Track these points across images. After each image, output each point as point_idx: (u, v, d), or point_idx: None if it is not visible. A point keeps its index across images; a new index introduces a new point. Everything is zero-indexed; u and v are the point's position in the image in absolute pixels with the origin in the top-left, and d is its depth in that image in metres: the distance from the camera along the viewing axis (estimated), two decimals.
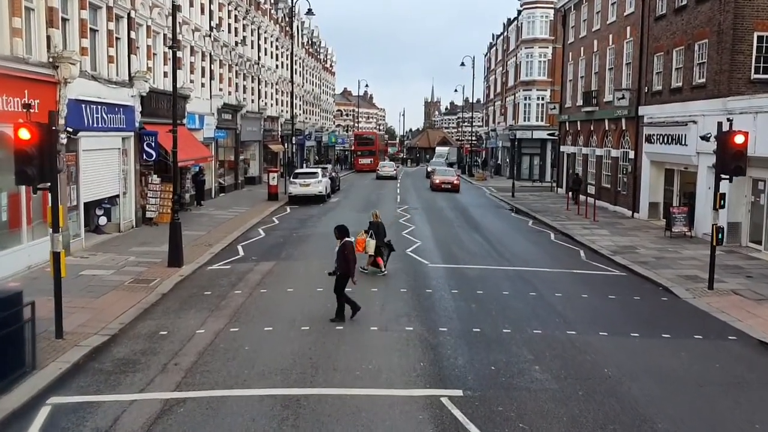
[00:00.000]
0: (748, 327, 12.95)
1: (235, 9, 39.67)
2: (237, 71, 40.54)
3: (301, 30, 66.29)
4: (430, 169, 58.47)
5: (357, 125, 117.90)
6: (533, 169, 57.94)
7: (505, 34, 67.73)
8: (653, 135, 27.45)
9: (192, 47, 31.67)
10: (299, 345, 11.31)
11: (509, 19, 66.45)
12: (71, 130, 17.61)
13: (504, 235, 24.68)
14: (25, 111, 10.92)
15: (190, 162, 27.40)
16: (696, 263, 19.03)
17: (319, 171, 37.03)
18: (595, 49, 35.63)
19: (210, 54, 34.65)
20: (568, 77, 41.45)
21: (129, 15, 23.57)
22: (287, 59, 53.07)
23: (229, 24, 38.67)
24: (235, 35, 39.93)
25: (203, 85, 33.64)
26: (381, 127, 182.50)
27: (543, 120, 56.43)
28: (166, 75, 27.66)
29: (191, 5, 31.55)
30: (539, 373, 10.16)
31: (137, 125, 23.97)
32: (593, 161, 36.21)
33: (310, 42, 73.01)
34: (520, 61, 58.47)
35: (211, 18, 34.87)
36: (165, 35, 27.67)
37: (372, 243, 16.75)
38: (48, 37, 17.66)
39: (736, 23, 21.67)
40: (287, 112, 50.38)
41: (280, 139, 52.01)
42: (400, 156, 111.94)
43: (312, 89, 74.29)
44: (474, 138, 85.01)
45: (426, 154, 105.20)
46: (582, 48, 38.15)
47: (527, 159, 58.56)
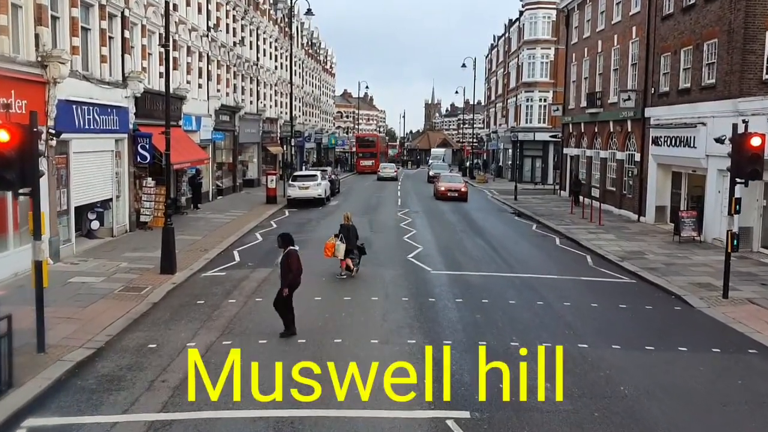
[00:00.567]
0: (767, 339, 12.32)
1: (233, 9, 39.06)
2: (235, 72, 39.91)
3: (301, 31, 65.68)
4: (432, 174, 55.41)
5: (357, 127, 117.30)
6: (535, 172, 57.29)
7: (507, 35, 67.13)
8: (660, 137, 26.81)
9: (189, 47, 31.05)
10: (295, 359, 10.62)
11: (511, 20, 65.88)
12: (53, 131, 16.91)
13: (508, 240, 24.04)
14: (4, 111, 10.27)
15: (185, 164, 26.77)
16: (708, 270, 18.38)
17: (318, 173, 36.38)
18: (600, 50, 35.01)
19: (207, 54, 34.03)
20: (571, 78, 40.82)
21: (123, 14, 22.94)
22: (286, 60, 52.44)
23: (227, 24, 38.04)
24: (234, 35, 39.31)
25: (200, 86, 33.01)
26: (381, 129, 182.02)
27: (545, 122, 55.81)
28: (161, 75, 26.93)
29: (188, 5, 30.93)
30: (551, 392, 9.51)
31: (131, 127, 23.33)
32: (597, 164, 35.57)
33: (309, 43, 72.41)
34: (521, 62, 57.85)
35: (209, 18, 34.24)
36: (160, 35, 26.96)
37: (342, 247, 16.58)
38: (36, 36, 17.01)
39: (747, 22, 21.02)
40: (286, 113, 49.76)
41: (279, 141, 51.38)
42: (400, 158, 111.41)
43: (312, 91, 73.68)
44: (475, 140, 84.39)
45: (426, 156, 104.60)
46: (586, 48, 37.53)
47: (529, 161, 57.91)
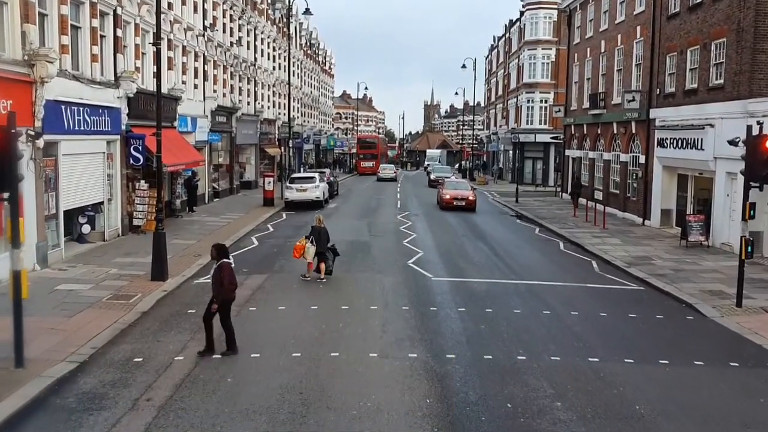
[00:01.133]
0: None
1: (231, 8, 38.44)
2: (232, 72, 39.28)
3: (299, 31, 65.07)
4: (433, 177, 51.74)
5: (356, 128, 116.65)
6: (536, 174, 56.69)
7: (507, 35, 66.56)
8: (666, 139, 26.20)
9: (184, 47, 30.42)
10: (289, 377, 10.02)
11: (511, 21, 65.33)
12: (33, 132, 16.27)
13: (511, 245, 23.41)
14: None
15: (180, 167, 26.11)
16: (718, 276, 17.75)
17: (317, 175, 35.75)
18: (603, 50, 34.41)
19: (203, 54, 33.41)
20: (573, 79, 40.21)
21: (115, 12, 22.31)
22: (285, 60, 51.86)
23: (224, 24, 37.43)
24: (231, 35, 38.70)
25: (196, 87, 32.37)
26: (380, 130, 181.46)
27: (546, 123, 55.22)
28: (155, 75, 26.36)
29: (183, 4, 30.29)
30: (562, 412, 8.89)
31: (124, 128, 22.69)
32: (600, 166, 34.96)
33: (308, 43, 71.82)
34: (522, 63, 57.26)
35: (205, 17, 33.64)
36: (155, 34, 26.38)
37: (311, 249, 16.43)
38: (23, 33, 16.42)
39: (757, 20, 20.41)
40: (284, 114, 49.18)
41: (277, 143, 50.75)
42: (399, 159, 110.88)
43: (310, 92, 73.07)
44: (475, 141, 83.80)
45: (426, 157, 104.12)
46: (588, 49, 36.94)
47: (530, 163, 57.32)
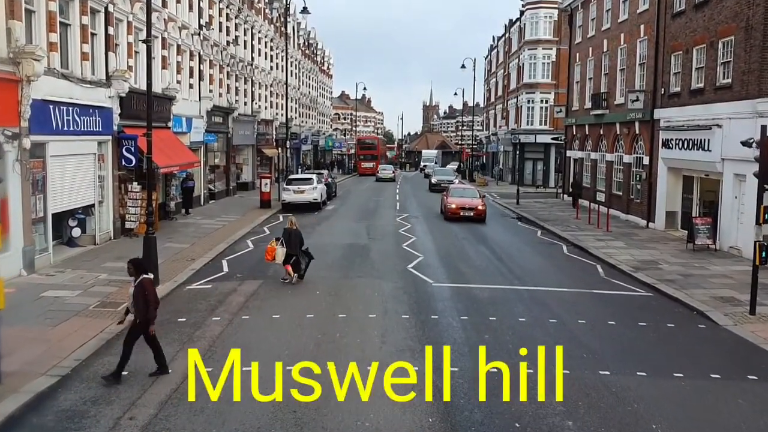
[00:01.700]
0: None
1: (227, 7, 37.84)
2: (228, 72, 38.68)
3: (297, 31, 64.46)
4: (434, 181, 48.44)
5: (355, 129, 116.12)
6: (536, 175, 56.14)
7: (507, 35, 66.00)
8: (671, 139, 25.63)
9: (179, 46, 29.81)
10: (283, 390, 9.42)
11: (511, 20, 64.75)
12: (9, 133, 15.63)
13: (513, 248, 22.82)
14: None
15: (174, 168, 25.51)
16: (728, 282, 17.17)
17: (314, 177, 35.13)
18: (605, 49, 33.85)
19: (199, 53, 32.80)
20: (575, 79, 39.64)
21: (107, 9, 21.71)
22: (282, 60, 51.29)
23: (220, 22, 36.82)
24: (227, 34, 38.10)
25: (191, 86, 31.76)
26: (379, 131, 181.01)
27: (547, 123, 54.66)
28: (147, 74, 25.76)
29: (178, 2, 29.66)
30: None
31: (115, 128, 22.09)
32: (603, 167, 34.40)
33: (306, 43, 71.22)
34: (522, 63, 56.69)
35: (201, 16, 33.03)
36: (146, 31, 25.79)
37: (281, 252, 16.29)
38: (8, 30, 15.82)
39: (767, 18, 19.84)
40: (282, 115, 48.60)
41: (274, 143, 50.15)
42: (398, 160, 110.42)
43: (308, 92, 72.47)
44: (474, 142, 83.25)
45: (422, 158, 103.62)
46: (590, 48, 36.38)
47: (530, 164, 56.74)
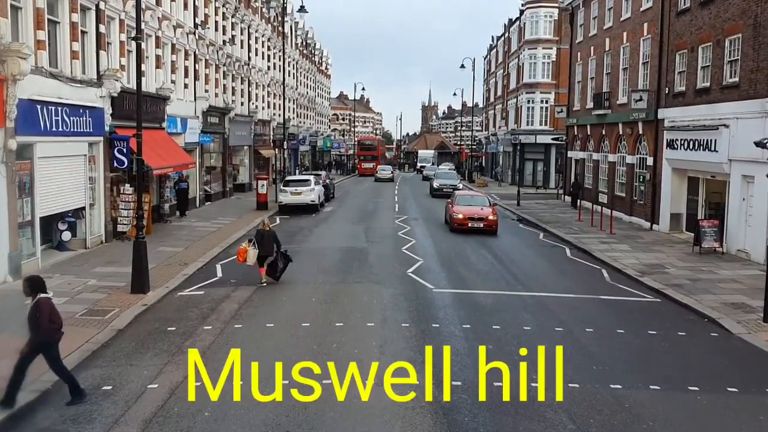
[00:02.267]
0: None
1: (223, 6, 37.26)
2: (225, 72, 38.10)
3: (295, 30, 63.88)
4: (436, 185, 43.81)
5: (353, 129, 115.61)
6: (536, 175, 55.59)
7: (507, 35, 65.47)
8: (676, 140, 25.08)
9: (173, 45, 29.22)
10: (274, 409, 8.87)
11: (510, 20, 64.20)
12: None
13: (515, 251, 22.26)
14: None
15: (168, 170, 24.92)
16: (738, 287, 16.62)
17: (312, 178, 34.55)
18: (607, 48, 33.31)
19: (194, 53, 32.23)
20: (576, 78, 39.10)
21: (98, 6, 21.13)
22: (279, 60, 50.76)
23: (216, 21, 36.24)
24: (223, 34, 37.52)
25: (186, 86, 31.18)
26: (377, 132, 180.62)
27: (547, 124, 54.13)
28: (142, 74, 25.18)
29: (172, 0, 29.11)
30: None
31: (107, 129, 21.52)
32: (605, 168, 33.86)
33: (304, 43, 70.62)
34: (522, 63, 56.14)
35: (196, 14, 32.45)
36: (142, 30, 25.17)
37: (253, 253, 16.09)
38: None
39: None
40: (280, 115, 48.03)
41: (272, 144, 49.58)
42: (397, 161, 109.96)
43: (306, 92, 71.88)
44: (473, 143, 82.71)
45: (418, 158, 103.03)
46: (592, 47, 35.83)
47: (530, 164, 56.19)
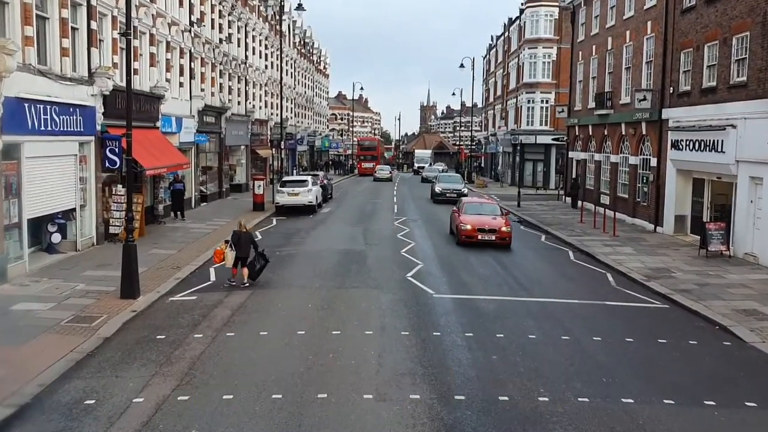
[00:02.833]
0: None
1: (219, 4, 36.71)
2: (221, 71, 37.54)
3: (293, 29, 63.32)
4: (438, 190, 39.51)
5: (351, 129, 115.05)
6: (536, 176, 55.07)
7: (506, 34, 64.94)
8: (681, 140, 24.57)
9: (168, 43, 28.66)
10: (266, 427, 8.33)
11: (510, 19, 63.67)
12: None
13: (517, 254, 21.72)
14: None
15: (162, 170, 24.35)
16: (748, 292, 16.09)
17: (309, 179, 34.00)
18: (609, 47, 32.79)
19: (190, 51, 31.66)
20: (577, 78, 38.57)
21: (89, 3, 20.54)
22: (277, 59, 50.17)
23: (213, 19, 35.70)
24: (220, 32, 36.96)
25: (181, 85, 30.62)
26: (376, 131, 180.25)
27: (547, 124, 53.64)
28: (136, 72, 24.66)
29: None
30: None
31: (99, 128, 20.96)
32: (607, 168, 33.33)
33: (302, 42, 70.07)
34: (522, 63, 55.62)
35: (192, 12, 31.89)
36: (135, 27, 24.69)
37: (230, 255, 15.98)
38: None
39: None
40: (277, 115, 47.48)
41: (269, 144, 49.02)
42: (395, 161, 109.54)
43: (304, 91, 71.32)
44: (473, 143, 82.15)
45: (415, 158, 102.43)
46: (594, 46, 35.31)
47: (530, 165, 55.69)
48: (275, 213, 31.41)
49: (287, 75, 57.73)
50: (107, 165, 21.36)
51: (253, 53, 45.39)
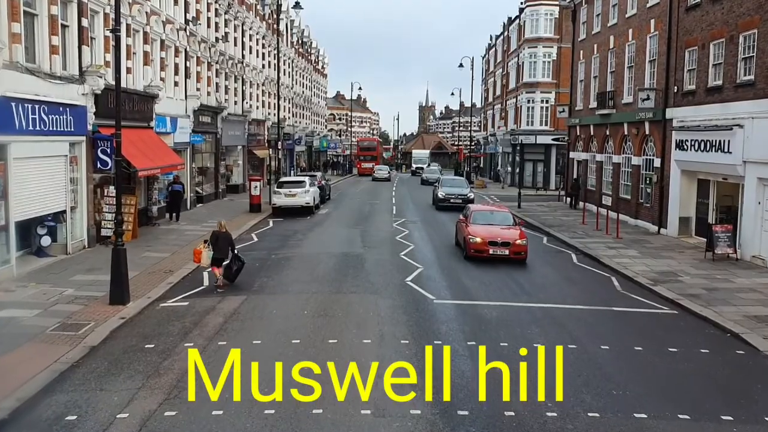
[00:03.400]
0: None
1: (216, 2, 36.16)
2: (218, 70, 37.00)
3: (290, 28, 62.76)
4: (442, 195, 35.18)
5: (350, 129, 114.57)
6: (536, 176, 54.60)
7: (506, 33, 64.45)
8: (686, 140, 24.08)
9: (163, 41, 28.12)
10: None
11: (510, 18, 63.18)
12: None
13: None
14: None
15: (155, 171, 23.81)
16: (759, 297, 15.60)
17: (307, 179, 33.46)
18: (611, 46, 32.30)
19: (185, 50, 31.13)
20: (578, 77, 38.06)
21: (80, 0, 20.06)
22: (274, 59, 49.63)
23: (209, 18, 35.14)
24: (216, 30, 36.42)
25: (177, 84, 30.09)
26: (375, 132, 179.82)
27: (548, 124, 53.18)
28: (129, 71, 24.17)
29: None
30: None
31: (90, 128, 20.44)
32: (609, 169, 32.84)
33: (300, 42, 69.52)
34: (522, 62, 55.14)
35: (187, 10, 31.35)
36: (129, 25, 24.20)
37: (207, 254, 15.84)
38: None
39: None
40: (274, 114, 46.96)
41: (266, 144, 48.49)
42: (394, 161, 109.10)
43: (302, 91, 70.77)
44: (472, 143, 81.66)
45: (412, 158, 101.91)
46: (595, 45, 34.81)
47: (530, 165, 55.21)
48: (272, 214, 30.89)
49: (285, 74, 57.20)
50: (99, 166, 20.85)
51: (250, 52, 44.85)
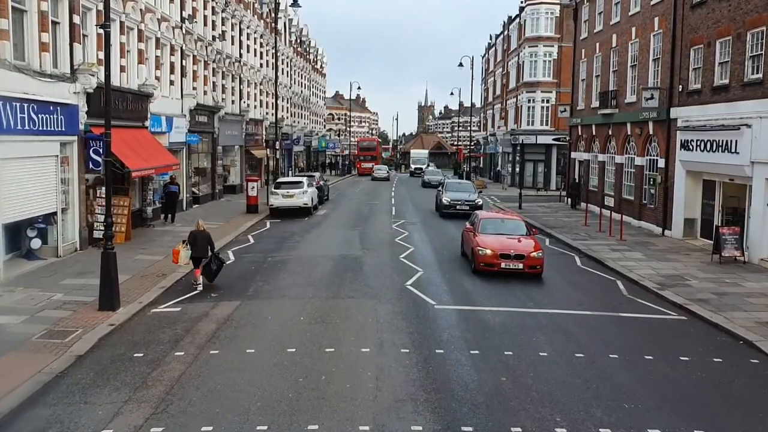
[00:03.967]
0: None
1: (212, 0, 35.65)
2: (214, 69, 36.49)
3: (289, 27, 62.24)
4: (447, 201, 31.78)
5: (349, 129, 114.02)
6: (537, 177, 54.10)
7: (506, 33, 63.97)
8: (691, 141, 23.60)
9: (158, 39, 27.61)
10: None
11: (510, 17, 62.70)
12: None
13: None
14: None
15: (150, 171, 23.29)
16: None
17: (305, 180, 32.94)
18: (614, 45, 31.82)
19: (181, 48, 30.62)
20: (580, 76, 37.57)
21: None
22: (272, 58, 49.11)
23: (205, 16, 34.64)
24: (213, 29, 35.92)
25: (172, 83, 29.58)
26: (374, 132, 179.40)
27: (548, 124, 52.69)
28: (123, 69, 23.67)
29: None
30: None
31: (82, 128, 19.93)
32: (612, 169, 32.35)
33: (298, 41, 69.01)
34: (522, 61, 54.64)
35: (183, 8, 30.85)
36: (122, 23, 23.69)
37: (185, 254, 15.78)
38: None
39: None
40: (272, 114, 46.45)
41: (264, 144, 47.98)
42: (393, 161, 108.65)
43: (301, 91, 70.25)
44: (472, 143, 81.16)
45: (411, 158, 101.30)
46: (597, 44, 34.33)
47: (531, 165, 54.72)
48: (269, 215, 30.38)
49: (283, 74, 56.72)
50: (91, 166, 20.34)
51: (248, 51, 44.35)
